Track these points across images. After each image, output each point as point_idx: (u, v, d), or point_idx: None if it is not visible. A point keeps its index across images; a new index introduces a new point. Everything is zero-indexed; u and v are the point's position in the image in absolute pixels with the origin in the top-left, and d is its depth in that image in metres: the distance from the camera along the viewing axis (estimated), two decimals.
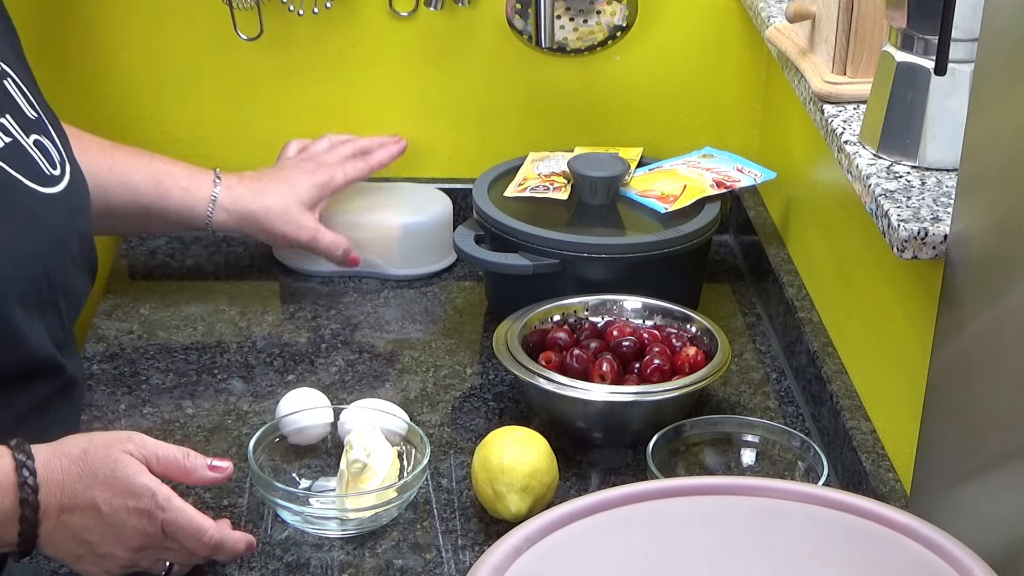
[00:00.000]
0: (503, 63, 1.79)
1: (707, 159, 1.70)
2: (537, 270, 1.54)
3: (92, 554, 1.13)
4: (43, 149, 1.23)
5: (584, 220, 1.62)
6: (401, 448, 1.32)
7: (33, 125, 1.24)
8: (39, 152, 1.22)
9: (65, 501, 1.10)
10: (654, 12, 1.77)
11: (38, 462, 1.10)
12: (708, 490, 1.08)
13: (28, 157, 1.20)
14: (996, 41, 1.04)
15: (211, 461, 1.18)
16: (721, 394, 1.49)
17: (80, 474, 1.11)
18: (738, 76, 1.81)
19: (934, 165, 1.24)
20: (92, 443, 1.13)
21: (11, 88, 1.24)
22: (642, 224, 1.60)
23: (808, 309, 1.55)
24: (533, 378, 1.38)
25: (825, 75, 1.41)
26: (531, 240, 1.55)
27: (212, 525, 1.16)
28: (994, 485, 1.04)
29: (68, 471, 1.11)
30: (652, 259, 1.55)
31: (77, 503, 1.11)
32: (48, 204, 1.20)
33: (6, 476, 1.09)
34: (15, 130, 1.20)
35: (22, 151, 1.19)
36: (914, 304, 1.26)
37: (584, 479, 1.37)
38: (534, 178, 1.67)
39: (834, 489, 1.09)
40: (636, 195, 1.63)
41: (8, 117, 1.21)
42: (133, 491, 1.12)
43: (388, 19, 1.76)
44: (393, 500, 1.26)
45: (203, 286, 1.69)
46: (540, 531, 1.02)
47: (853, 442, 1.33)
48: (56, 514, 1.10)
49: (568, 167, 1.64)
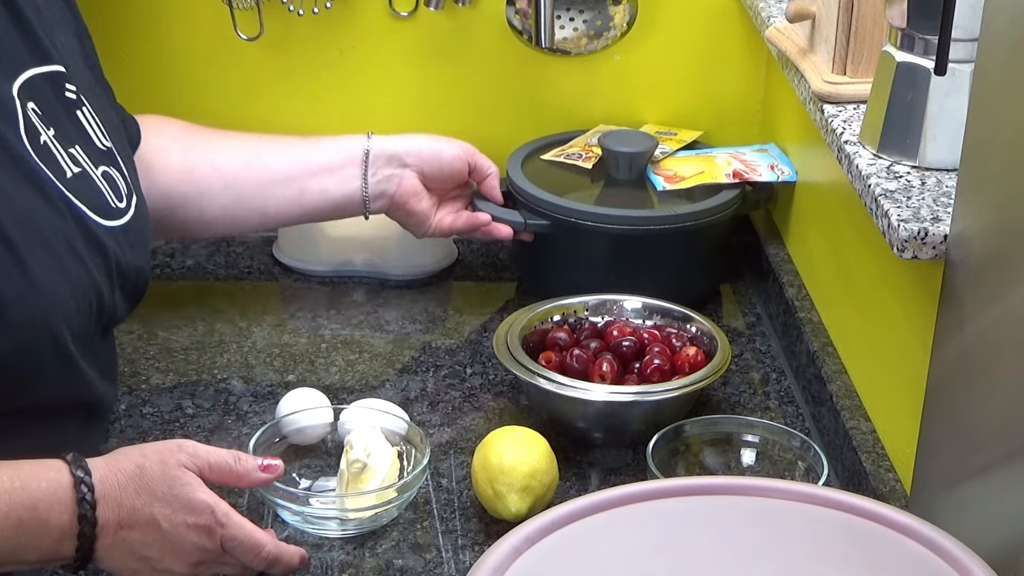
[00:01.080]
0: (503, 63, 1.79)
1: (759, 153, 1.71)
2: (528, 227, 1.61)
3: (150, 569, 1.12)
4: (111, 181, 1.23)
5: (605, 192, 1.66)
6: (401, 448, 1.32)
7: (103, 156, 1.24)
8: (106, 184, 1.22)
9: (123, 517, 1.10)
10: (654, 12, 1.77)
11: (95, 478, 1.09)
12: (708, 490, 1.08)
13: (95, 188, 1.20)
14: (996, 41, 1.04)
15: (262, 462, 1.18)
16: (721, 394, 1.49)
17: (137, 490, 1.11)
18: (738, 76, 1.81)
19: (934, 165, 1.24)
20: (146, 458, 1.12)
21: (84, 118, 1.24)
22: (652, 203, 1.63)
23: (808, 309, 1.55)
24: (533, 378, 1.38)
25: (825, 75, 1.41)
26: (529, 199, 1.62)
27: (270, 540, 1.16)
28: (994, 485, 1.04)
29: (125, 488, 1.10)
30: (638, 236, 1.59)
31: (136, 519, 1.11)
32: (111, 237, 1.20)
33: (64, 492, 1.08)
34: (84, 161, 1.20)
35: (90, 182, 1.20)
36: (914, 304, 1.26)
37: (584, 479, 1.36)
38: (579, 147, 1.73)
39: (834, 489, 1.08)
40: (651, 172, 1.66)
41: (78, 148, 1.21)
42: (193, 508, 1.12)
43: (388, 19, 1.76)
44: (393, 500, 1.26)
45: (203, 286, 1.69)
46: (540, 531, 1.02)
47: (853, 442, 1.33)
48: (114, 530, 1.10)
49: (599, 141, 1.67)
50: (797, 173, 1.66)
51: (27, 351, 1.11)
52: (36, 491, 1.07)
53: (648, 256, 1.60)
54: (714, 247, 1.66)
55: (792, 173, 1.66)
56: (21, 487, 1.07)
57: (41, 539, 1.08)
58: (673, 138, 1.76)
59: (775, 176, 1.66)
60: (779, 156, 1.70)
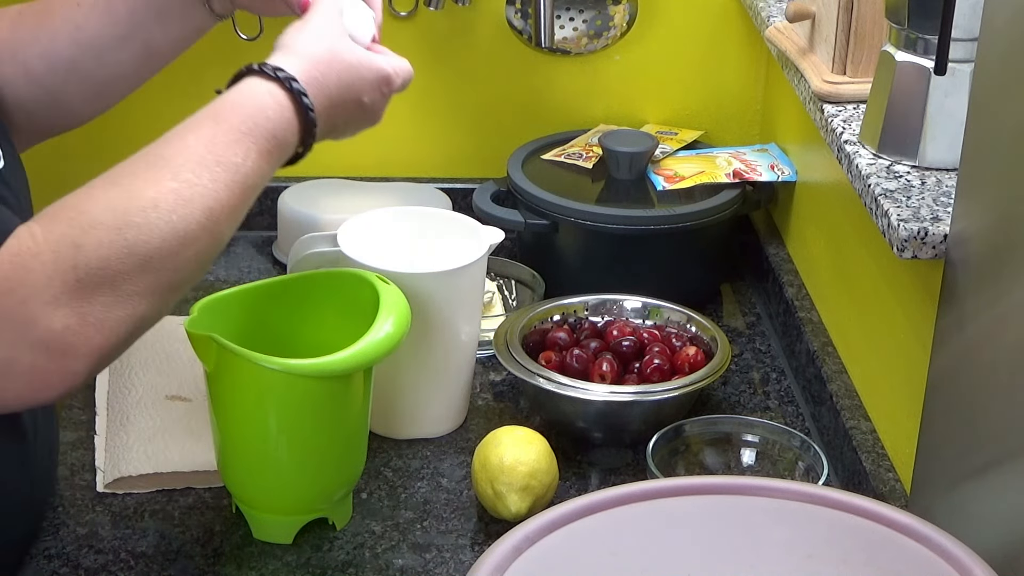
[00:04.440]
0: (503, 63, 1.79)
1: (759, 153, 1.71)
2: (529, 227, 1.61)
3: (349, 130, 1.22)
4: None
5: (606, 191, 1.66)
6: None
7: None
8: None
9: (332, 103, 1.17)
10: (654, 12, 1.77)
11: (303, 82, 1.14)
12: (708, 490, 1.08)
13: None
14: (996, 41, 1.04)
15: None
16: (721, 394, 1.49)
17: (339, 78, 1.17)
18: (738, 76, 1.81)
19: (934, 165, 1.24)
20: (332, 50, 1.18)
21: None
22: (652, 203, 1.63)
23: (808, 309, 1.55)
24: (533, 378, 1.38)
25: (825, 75, 1.41)
26: (529, 199, 1.62)
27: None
28: (994, 485, 1.04)
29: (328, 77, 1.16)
30: (636, 236, 1.59)
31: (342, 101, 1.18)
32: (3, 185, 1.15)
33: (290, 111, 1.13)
34: None
35: None
36: (914, 304, 1.26)
37: (584, 479, 1.37)
38: (580, 147, 1.73)
39: (834, 489, 1.09)
40: (652, 172, 1.66)
41: None
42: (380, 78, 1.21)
43: (388, 19, 1.75)
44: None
45: (203, 286, 1.69)
46: (540, 531, 1.03)
47: (853, 442, 1.33)
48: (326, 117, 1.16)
49: (599, 140, 1.68)
50: (797, 173, 1.66)
51: None
52: (268, 123, 1.11)
53: (648, 256, 1.60)
54: (714, 247, 1.66)
55: (792, 173, 1.66)
56: (254, 125, 1.10)
57: (282, 158, 1.14)
58: (673, 138, 1.76)
59: (775, 176, 1.66)
60: (779, 156, 1.70)
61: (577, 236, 1.61)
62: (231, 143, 1.09)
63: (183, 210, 1.04)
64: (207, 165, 1.06)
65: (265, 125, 1.11)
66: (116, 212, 1.02)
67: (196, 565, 1.24)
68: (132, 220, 1.02)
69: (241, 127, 1.10)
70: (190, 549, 1.25)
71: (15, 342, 0.99)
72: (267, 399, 1.20)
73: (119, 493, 1.31)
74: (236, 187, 1.08)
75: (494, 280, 1.61)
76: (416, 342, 1.33)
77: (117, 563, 1.23)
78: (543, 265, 1.62)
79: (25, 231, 1.01)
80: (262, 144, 1.10)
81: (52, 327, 0.99)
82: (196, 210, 1.05)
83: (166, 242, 1.03)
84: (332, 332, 1.24)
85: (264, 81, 1.13)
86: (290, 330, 1.30)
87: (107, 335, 1.01)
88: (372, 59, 1.20)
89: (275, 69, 1.14)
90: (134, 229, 1.02)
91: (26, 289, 0.98)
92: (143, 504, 1.30)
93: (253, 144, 1.10)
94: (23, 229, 1.01)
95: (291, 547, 1.26)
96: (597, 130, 1.77)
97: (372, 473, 1.35)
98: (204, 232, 1.05)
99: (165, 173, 1.05)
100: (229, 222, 1.08)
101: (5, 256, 0.99)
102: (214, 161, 1.07)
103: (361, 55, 1.20)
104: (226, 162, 1.08)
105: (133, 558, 1.24)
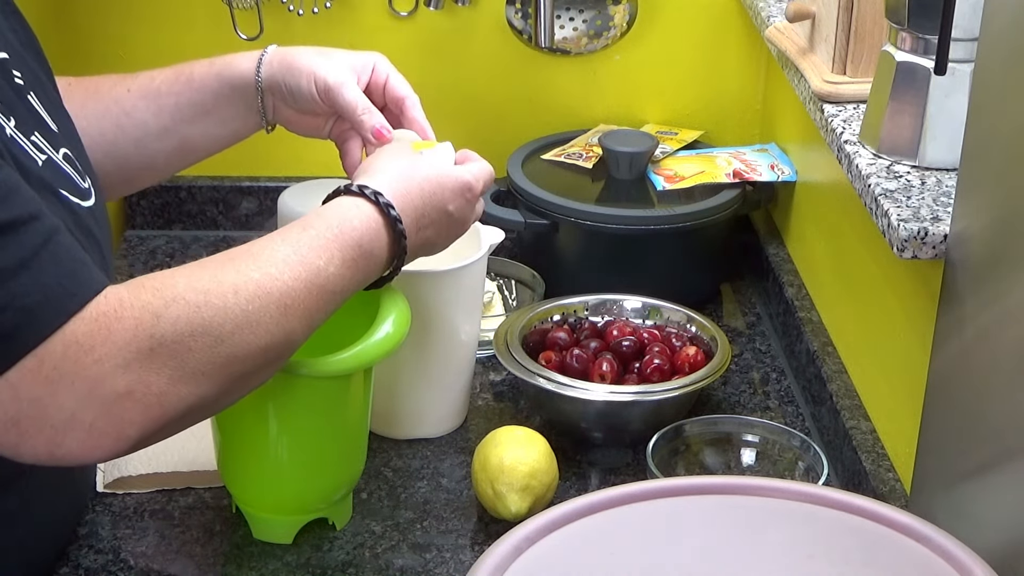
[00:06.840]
0: (503, 63, 1.79)
1: (759, 153, 1.71)
2: (529, 227, 1.62)
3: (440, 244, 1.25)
4: (71, 162, 1.21)
5: (606, 191, 1.66)
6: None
7: (58, 139, 1.21)
8: (69, 166, 1.21)
9: (420, 219, 1.20)
10: (654, 12, 1.77)
11: (389, 195, 1.18)
12: (708, 490, 1.08)
13: (63, 172, 1.18)
14: (996, 41, 1.04)
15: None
16: (721, 394, 1.49)
17: (421, 189, 1.21)
18: (738, 76, 1.81)
19: (934, 165, 1.24)
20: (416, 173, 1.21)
21: (34, 102, 1.22)
22: (652, 203, 1.63)
23: (808, 309, 1.55)
24: (533, 378, 1.38)
25: (825, 75, 1.41)
26: (529, 199, 1.63)
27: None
28: (994, 485, 1.04)
29: (411, 191, 1.20)
30: (636, 236, 1.59)
31: (429, 216, 1.21)
32: (91, 217, 1.19)
33: (376, 220, 1.16)
34: (46, 146, 1.19)
35: (57, 167, 1.19)
36: (914, 304, 1.26)
37: (584, 479, 1.37)
38: (580, 147, 1.73)
39: (834, 489, 1.08)
40: (652, 172, 1.66)
41: (37, 135, 1.19)
42: (463, 186, 1.23)
43: (388, 19, 1.76)
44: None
45: None
46: (540, 531, 1.03)
47: (853, 442, 1.33)
48: (415, 232, 1.20)
49: (599, 140, 1.68)
50: (797, 173, 1.66)
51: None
52: (353, 232, 1.15)
53: (648, 256, 1.60)
54: (714, 247, 1.66)
55: (792, 173, 1.66)
56: (339, 232, 1.14)
57: (370, 270, 1.17)
58: (673, 138, 1.76)
59: (775, 176, 1.66)
60: (779, 156, 1.70)
61: (577, 236, 1.61)
62: (316, 248, 1.12)
63: (260, 301, 1.07)
64: (290, 264, 1.10)
65: (351, 234, 1.14)
66: (198, 291, 1.05)
67: (196, 565, 1.24)
68: (211, 301, 1.05)
69: (327, 233, 1.14)
70: (190, 549, 1.25)
71: (83, 399, 1.01)
72: (267, 399, 1.20)
73: (119, 493, 1.31)
74: (315, 289, 1.11)
75: (494, 280, 1.61)
76: (416, 342, 1.33)
77: (117, 563, 1.24)
78: (543, 265, 1.63)
79: (113, 293, 1.03)
80: (347, 252, 1.14)
81: (117, 389, 1.01)
82: (272, 303, 1.08)
83: (239, 328, 1.06)
84: (332, 332, 1.24)
85: (350, 197, 1.17)
86: None
87: (165, 408, 1.03)
88: (451, 169, 1.24)
89: (360, 187, 1.17)
90: (211, 309, 1.05)
91: (104, 348, 1.01)
92: (143, 504, 1.30)
93: (338, 251, 1.13)
94: (111, 291, 1.03)
95: (291, 547, 1.26)
96: (597, 130, 1.77)
97: (372, 473, 1.35)
98: (277, 327, 1.08)
99: (251, 265, 1.09)
100: (303, 323, 1.11)
101: (91, 315, 1.01)
102: (298, 261, 1.11)
103: (439, 167, 1.23)
104: (309, 264, 1.11)
105: (133, 558, 1.24)
